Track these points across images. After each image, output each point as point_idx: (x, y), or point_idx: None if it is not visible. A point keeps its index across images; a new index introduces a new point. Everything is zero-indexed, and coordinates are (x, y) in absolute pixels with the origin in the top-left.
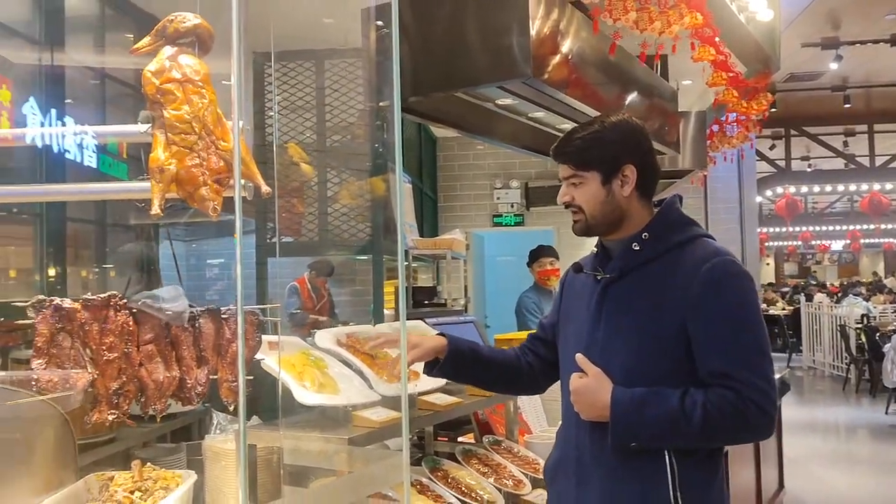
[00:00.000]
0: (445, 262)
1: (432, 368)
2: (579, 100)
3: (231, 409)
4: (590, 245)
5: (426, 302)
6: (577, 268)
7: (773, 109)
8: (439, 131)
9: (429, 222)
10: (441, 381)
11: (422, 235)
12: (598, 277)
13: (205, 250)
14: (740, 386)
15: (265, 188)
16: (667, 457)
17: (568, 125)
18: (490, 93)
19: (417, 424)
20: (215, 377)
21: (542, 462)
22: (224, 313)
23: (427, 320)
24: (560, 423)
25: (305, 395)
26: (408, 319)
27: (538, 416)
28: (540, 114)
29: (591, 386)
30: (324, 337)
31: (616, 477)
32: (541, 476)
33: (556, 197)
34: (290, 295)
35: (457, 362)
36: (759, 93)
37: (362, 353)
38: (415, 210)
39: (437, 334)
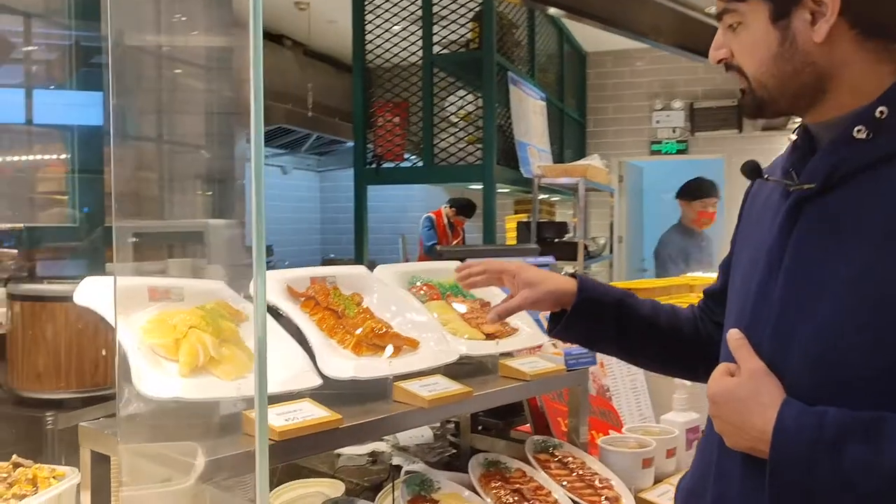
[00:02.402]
0: (589, 195)
1: (556, 323)
2: None
3: None
4: None
5: (554, 240)
6: (753, 170)
7: None
8: (590, 45)
9: (573, 149)
10: (447, 358)
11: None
12: (790, 188)
13: (337, 182)
14: None
15: None
16: None
17: None
18: None
19: (380, 430)
20: None
21: (616, 483)
22: None
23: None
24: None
25: (156, 380)
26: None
27: (640, 401)
28: None
29: (741, 393)
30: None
31: None
32: None
33: (726, 119)
34: (426, 227)
35: (593, 315)
36: None
37: (326, 309)
38: (553, 134)
39: (569, 275)
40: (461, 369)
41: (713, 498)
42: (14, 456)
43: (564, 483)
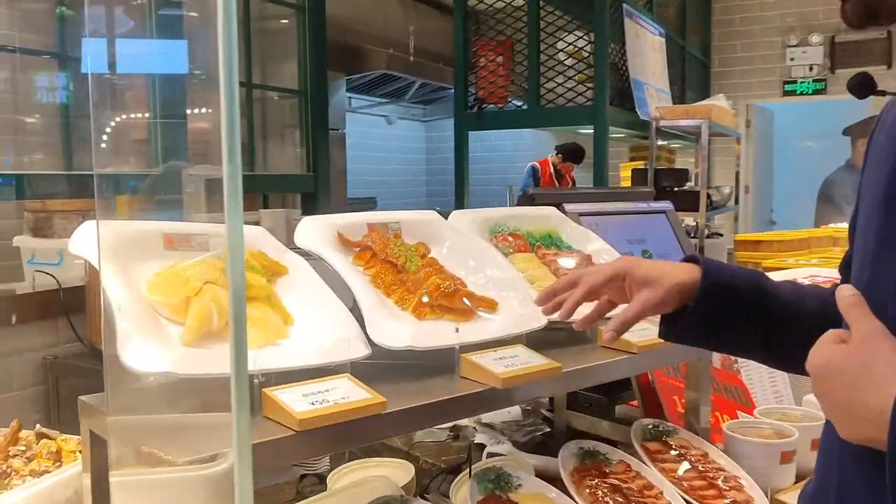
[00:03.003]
0: (713, 142)
1: (675, 323)
2: None
3: None
4: None
5: (674, 189)
6: (862, 83)
7: None
8: None
9: (696, 90)
10: (532, 324)
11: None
12: None
13: (443, 133)
14: None
15: None
16: None
17: None
18: None
19: (437, 416)
20: None
21: (746, 483)
22: None
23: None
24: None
25: (144, 348)
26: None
27: (775, 377)
28: None
29: (850, 364)
30: (308, 228)
31: None
32: None
33: (873, 53)
34: (528, 176)
35: (724, 305)
36: None
37: (384, 262)
38: (674, 74)
39: (684, 259)
40: (552, 338)
41: (837, 497)
42: (38, 426)
43: (681, 479)
